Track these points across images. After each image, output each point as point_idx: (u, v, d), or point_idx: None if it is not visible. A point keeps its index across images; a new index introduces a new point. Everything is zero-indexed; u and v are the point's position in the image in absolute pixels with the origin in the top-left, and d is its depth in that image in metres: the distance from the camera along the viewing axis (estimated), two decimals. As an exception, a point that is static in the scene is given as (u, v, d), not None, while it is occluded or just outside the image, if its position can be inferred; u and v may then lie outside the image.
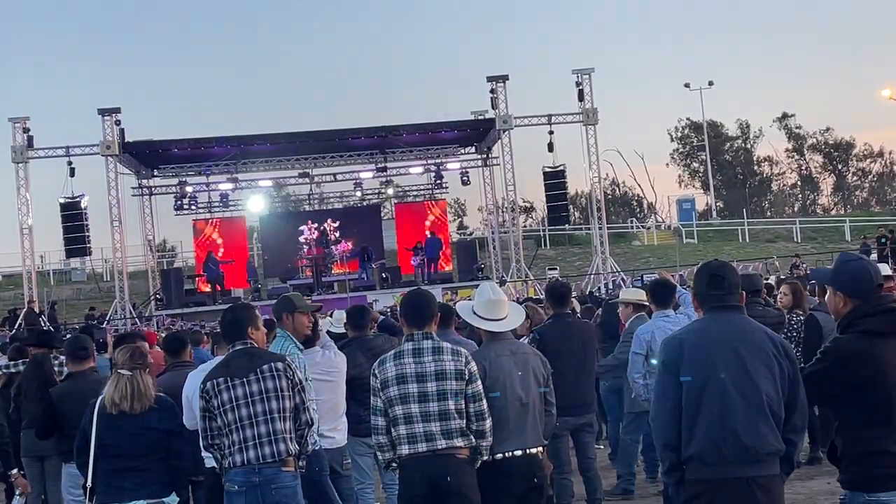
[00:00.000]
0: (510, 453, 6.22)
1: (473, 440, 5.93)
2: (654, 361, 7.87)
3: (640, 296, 10.11)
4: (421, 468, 5.84)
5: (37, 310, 32.26)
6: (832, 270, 4.87)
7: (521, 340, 7.20)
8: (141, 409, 6.26)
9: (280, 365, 6.16)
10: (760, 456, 4.64)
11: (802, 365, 4.67)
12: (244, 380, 6.07)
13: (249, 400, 6.03)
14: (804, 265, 33.10)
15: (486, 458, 6.04)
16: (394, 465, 5.99)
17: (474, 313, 6.55)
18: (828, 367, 4.65)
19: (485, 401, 6.01)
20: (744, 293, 5.02)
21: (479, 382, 6.00)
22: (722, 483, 4.64)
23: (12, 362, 10.14)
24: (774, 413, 4.67)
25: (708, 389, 4.66)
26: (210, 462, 6.58)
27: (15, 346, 11.18)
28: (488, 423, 6.00)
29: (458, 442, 5.87)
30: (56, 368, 9.73)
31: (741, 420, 4.62)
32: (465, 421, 5.91)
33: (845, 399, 4.63)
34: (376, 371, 5.98)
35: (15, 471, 8.05)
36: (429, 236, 35.22)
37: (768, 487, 4.69)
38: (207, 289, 34.75)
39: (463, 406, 5.91)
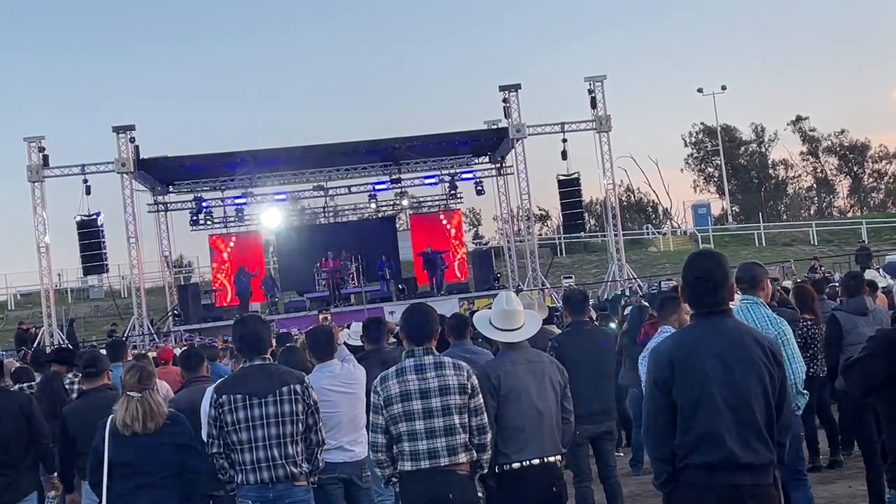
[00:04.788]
0: (528, 462, 6.22)
1: (475, 454, 5.94)
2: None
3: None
4: (423, 484, 5.86)
5: (25, 328, 32.75)
6: None
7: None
8: (155, 428, 6.27)
9: (299, 387, 6.20)
10: (753, 468, 4.59)
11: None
12: (262, 400, 6.10)
13: (265, 422, 6.08)
14: (823, 268, 32.93)
15: (485, 470, 6.06)
16: (393, 480, 6.00)
17: (490, 324, 6.54)
18: (869, 355, 4.62)
19: (486, 414, 6.02)
20: (734, 285, 4.93)
21: (481, 396, 6.02)
22: (713, 489, 4.58)
23: (17, 385, 10.14)
24: (766, 423, 4.62)
25: (700, 408, 4.59)
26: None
27: (22, 367, 11.20)
28: (489, 436, 6.02)
29: (461, 458, 5.88)
30: (68, 386, 9.76)
31: (734, 436, 4.56)
32: (468, 435, 5.92)
33: (889, 390, 4.58)
34: (378, 388, 5.98)
35: (55, 474, 8.10)
36: (430, 252, 35.12)
37: (760, 496, 4.63)
38: (225, 303, 34.80)
39: (467, 420, 5.92)
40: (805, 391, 7.29)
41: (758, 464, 4.59)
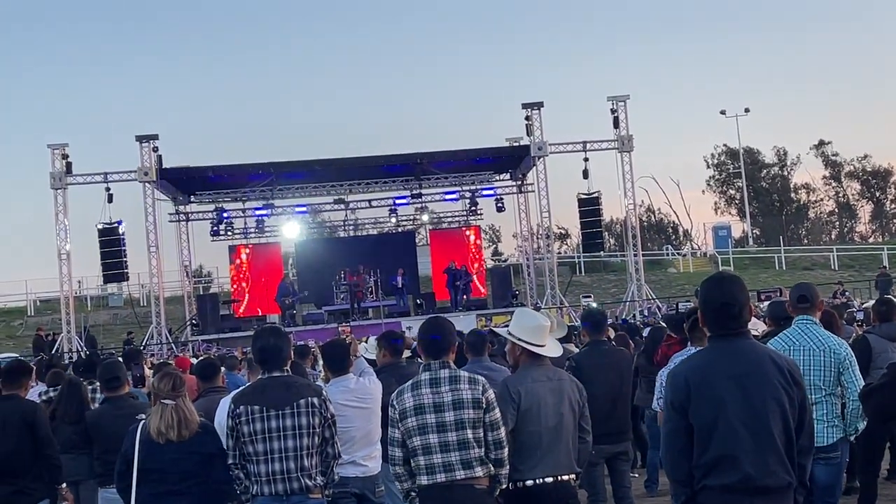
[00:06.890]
0: (541, 480, 6.19)
1: (492, 469, 5.91)
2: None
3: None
4: (440, 499, 5.83)
5: (43, 334, 32.96)
6: None
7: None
8: (188, 436, 6.28)
9: (316, 401, 6.19)
10: (770, 491, 4.55)
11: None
12: (280, 412, 6.09)
13: (282, 434, 6.07)
14: (847, 293, 32.71)
15: (504, 486, 6.03)
16: (412, 494, 5.98)
17: (511, 335, 6.51)
18: (889, 382, 4.60)
19: (503, 429, 5.98)
20: (752, 306, 4.89)
21: (498, 411, 5.98)
22: None
23: (50, 388, 10.12)
24: (785, 445, 4.58)
25: (717, 430, 4.56)
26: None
27: (56, 371, 11.15)
28: (506, 451, 5.97)
29: (478, 472, 5.84)
30: (90, 395, 9.74)
31: (752, 458, 4.52)
32: (483, 450, 5.89)
33: None
34: (395, 402, 5.98)
35: (64, 484, 8.08)
36: (453, 267, 35.11)
37: None
38: (242, 313, 34.86)
39: (482, 435, 5.89)
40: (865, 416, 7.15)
41: (774, 486, 4.55)
